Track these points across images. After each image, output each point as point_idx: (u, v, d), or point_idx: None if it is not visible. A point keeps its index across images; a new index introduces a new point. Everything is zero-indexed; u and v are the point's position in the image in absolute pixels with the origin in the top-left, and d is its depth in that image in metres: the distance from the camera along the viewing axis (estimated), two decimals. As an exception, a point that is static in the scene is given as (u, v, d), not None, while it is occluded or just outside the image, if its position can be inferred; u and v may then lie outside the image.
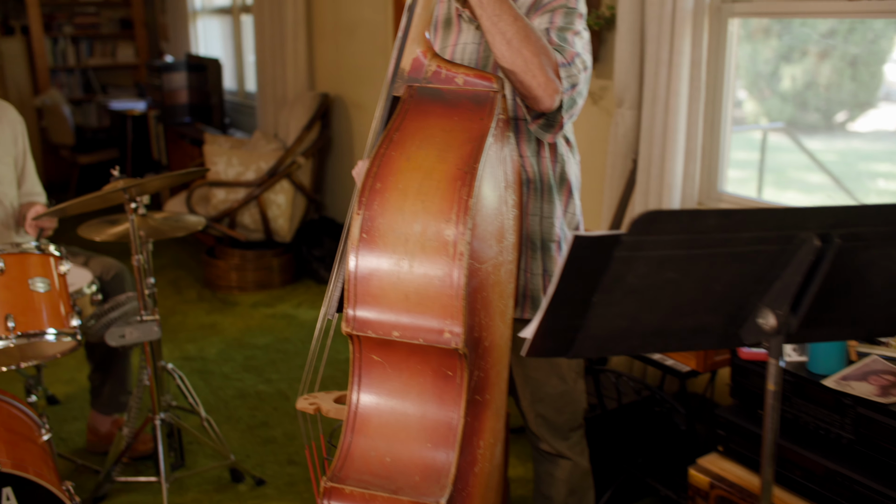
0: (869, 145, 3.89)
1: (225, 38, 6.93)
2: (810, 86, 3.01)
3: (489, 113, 1.63)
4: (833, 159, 3.34)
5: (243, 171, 4.81)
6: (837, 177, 3.28)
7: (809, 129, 3.10)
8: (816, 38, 2.90)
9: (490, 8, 1.62)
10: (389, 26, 4.53)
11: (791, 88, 3.10)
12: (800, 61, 2.98)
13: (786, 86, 3.12)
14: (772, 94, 3.03)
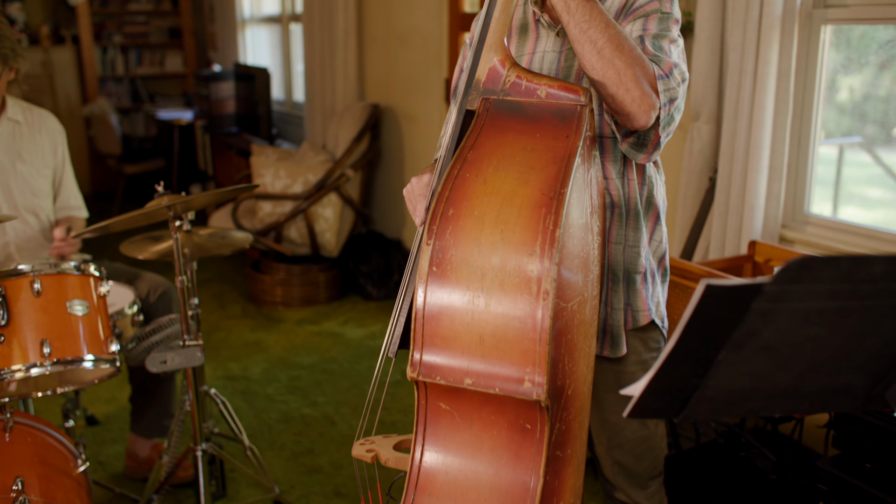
0: None
1: (273, 47, 6.83)
2: (869, 97, 2.79)
3: (576, 129, 1.43)
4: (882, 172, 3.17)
5: (290, 184, 4.67)
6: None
7: (868, 141, 2.87)
8: (876, 47, 2.67)
9: (579, 13, 1.43)
10: (444, 34, 4.36)
11: (849, 100, 2.89)
12: (858, 72, 2.78)
13: (843, 97, 2.91)
14: (828, 105, 2.81)
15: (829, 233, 2.65)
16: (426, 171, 1.62)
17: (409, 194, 1.61)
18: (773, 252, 2.47)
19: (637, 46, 1.49)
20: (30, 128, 2.84)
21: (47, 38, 7.29)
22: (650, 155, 1.60)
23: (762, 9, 2.54)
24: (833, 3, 2.58)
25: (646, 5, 1.63)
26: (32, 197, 2.83)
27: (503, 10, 1.49)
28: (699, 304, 0.92)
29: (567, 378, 1.43)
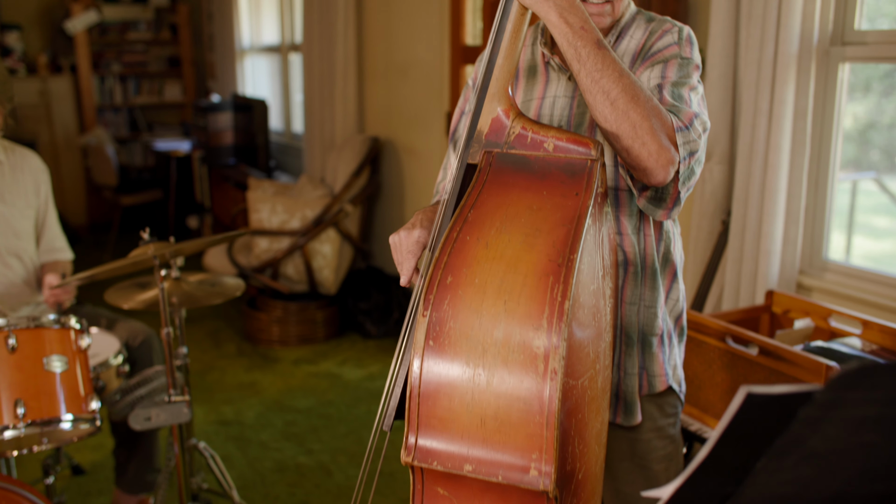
0: None
1: (272, 77, 6.75)
2: (873, 126, 2.69)
3: (586, 186, 1.31)
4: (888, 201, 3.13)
5: (288, 220, 4.55)
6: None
7: (871, 169, 2.76)
8: (881, 75, 2.56)
9: (590, 62, 1.31)
10: (445, 67, 4.26)
11: (853, 128, 2.80)
12: (862, 100, 2.69)
13: (847, 125, 2.82)
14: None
15: (850, 280, 2.52)
16: (417, 222, 1.49)
17: (396, 246, 1.48)
18: (792, 303, 2.34)
19: (654, 96, 1.37)
20: (12, 167, 2.72)
21: (45, 67, 7.22)
22: (670, 211, 1.48)
23: (777, 46, 2.43)
24: (851, 41, 2.46)
25: (664, 50, 1.52)
26: (15, 239, 2.70)
27: (507, 57, 1.37)
28: (738, 413, 0.79)
29: (577, 461, 1.29)
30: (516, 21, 1.36)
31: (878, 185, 3.34)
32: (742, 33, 2.55)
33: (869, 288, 2.47)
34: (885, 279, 2.44)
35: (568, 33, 1.31)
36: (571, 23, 1.30)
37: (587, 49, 1.31)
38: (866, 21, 2.52)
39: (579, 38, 1.31)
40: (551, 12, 1.30)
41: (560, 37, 1.32)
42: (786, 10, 2.39)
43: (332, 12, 5.03)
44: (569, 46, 1.32)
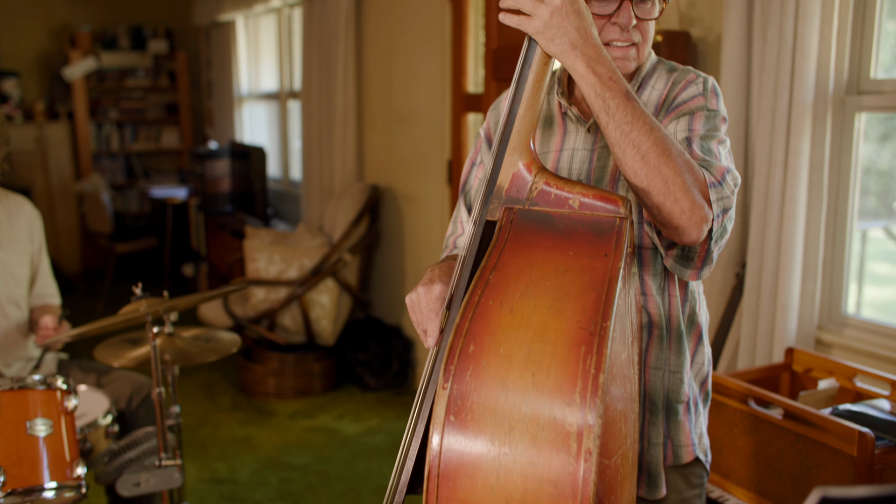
0: None
1: (271, 123, 6.71)
2: (868, 171, 2.64)
3: (616, 247, 1.22)
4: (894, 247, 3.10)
5: (285, 269, 4.45)
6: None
7: (869, 215, 2.70)
8: (875, 122, 2.52)
9: (620, 114, 1.23)
10: (446, 115, 4.21)
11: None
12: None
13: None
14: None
15: (871, 336, 2.43)
16: (434, 277, 1.40)
17: (414, 306, 1.37)
18: (814, 361, 2.25)
19: (685, 151, 1.29)
20: (7, 214, 2.65)
21: (42, 114, 7.18)
22: (700, 271, 1.39)
23: (792, 95, 2.37)
24: (868, 90, 2.41)
25: (689, 102, 1.45)
26: (15, 287, 2.64)
27: (529, 108, 1.29)
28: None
29: (609, 546, 1.19)
30: (539, 70, 1.29)
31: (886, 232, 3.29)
32: (755, 82, 2.49)
33: (891, 345, 2.38)
34: (909, 336, 2.36)
35: (596, 84, 1.23)
36: (600, 73, 1.23)
37: (616, 101, 1.23)
38: (882, 70, 2.47)
39: (608, 89, 1.23)
40: (578, 62, 1.23)
41: (587, 88, 1.24)
42: (800, 58, 2.33)
43: (332, 60, 4.99)
44: (596, 98, 1.24)
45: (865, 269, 2.71)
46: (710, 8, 2.72)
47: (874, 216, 2.81)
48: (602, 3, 1.39)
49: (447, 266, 1.43)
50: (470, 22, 4.03)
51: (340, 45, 4.90)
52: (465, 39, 4.06)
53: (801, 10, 2.31)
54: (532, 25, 1.22)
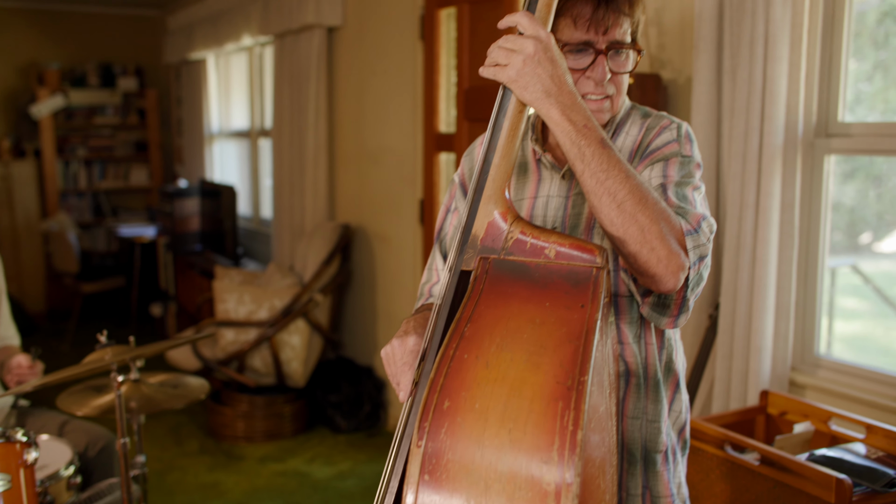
0: None
1: (241, 162, 6.67)
2: (835, 206, 2.68)
3: (593, 297, 1.20)
4: (861, 282, 3.18)
5: (255, 310, 4.39)
6: (876, 301, 3.07)
7: (835, 249, 2.74)
8: (841, 160, 2.55)
9: (595, 162, 1.22)
10: (418, 154, 4.20)
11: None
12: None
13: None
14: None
15: (844, 378, 2.43)
16: (409, 329, 1.37)
17: (388, 359, 1.35)
18: (788, 404, 2.24)
19: (661, 198, 1.28)
20: None
21: (7, 151, 7.08)
22: (676, 318, 1.37)
23: (762, 138, 2.38)
24: (836, 133, 2.43)
25: (664, 148, 1.44)
26: None
27: (504, 156, 1.28)
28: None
29: None
30: (514, 118, 1.27)
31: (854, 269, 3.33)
32: (725, 125, 2.51)
33: (866, 386, 2.38)
34: (881, 377, 2.36)
35: (571, 132, 1.22)
36: (575, 121, 1.22)
37: (591, 148, 1.22)
38: (849, 113, 2.50)
39: (583, 136, 1.22)
40: (553, 109, 1.22)
41: (562, 135, 1.23)
42: (769, 102, 2.35)
43: (303, 98, 4.99)
44: (572, 146, 1.23)
45: (835, 304, 2.73)
46: (680, 51, 2.74)
47: (840, 251, 2.84)
48: (576, 57, 1.39)
49: (422, 317, 1.40)
50: (442, 62, 4.05)
51: (312, 84, 4.90)
52: (436, 79, 4.07)
53: (769, 54, 2.34)
54: (506, 74, 1.22)
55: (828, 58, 2.43)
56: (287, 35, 5.13)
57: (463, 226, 1.28)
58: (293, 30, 4.98)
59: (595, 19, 1.39)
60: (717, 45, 2.51)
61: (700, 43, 2.52)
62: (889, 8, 2.67)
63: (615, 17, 1.39)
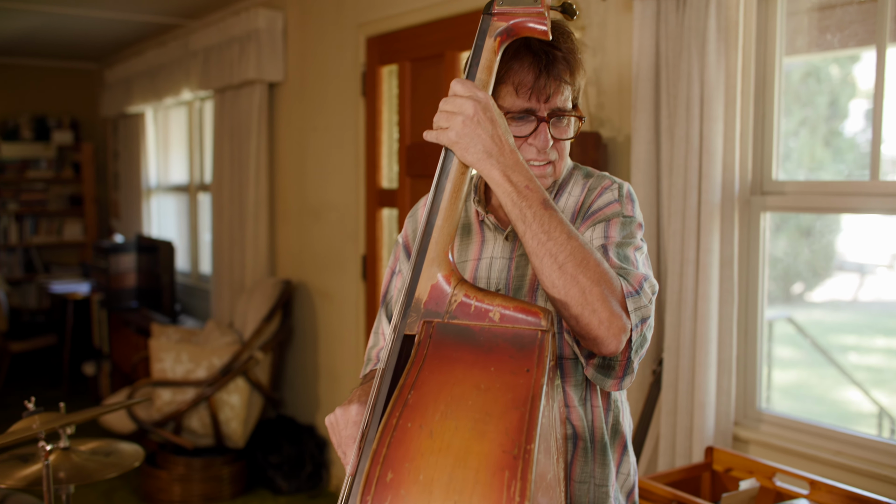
0: (829, 315, 4.19)
1: (180, 216, 6.57)
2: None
3: (538, 362, 1.18)
4: (795, 332, 3.28)
5: (193, 369, 4.27)
6: (810, 350, 3.20)
7: (768, 300, 2.81)
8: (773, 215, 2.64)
9: (537, 224, 1.21)
10: (361, 210, 4.18)
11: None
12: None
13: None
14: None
15: (786, 432, 2.45)
16: (353, 398, 1.35)
17: (333, 427, 1.32)
18: (733, 460, 2.24)
19: (603, 259, 1.28)
20: None
21: (-66, 207, 6.86)
22: (621, 381, 1.36)
23: (700, 196, 2.42)
24: (770, 191, 2.49)
25: (605, 208, 1.45)
26: None
27: (447, 219, 1.26)
28: None
29: None
30: (456, 180, 1.27)
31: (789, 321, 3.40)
32: (664, 182, 2.55)
33: (808, 440, 2.39)
34: (823, 431, 2.38)
35: (512, 193, 1.22)
36: (516, 182, 1.22)
37: (533, 210, 1.22)
38: (783, 171, 2.56)
39: (524, 198, 1.22)
40: (494, 170, 1.22)
41: (504, 196, 1.23)
42: (707, 160, 2.40)
43: (244, 153, 4.94)
44: (513, 207, 1.22)
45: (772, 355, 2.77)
46: (619, 110, 2.79)
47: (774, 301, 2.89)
48: (519, 125, 1.40)
49: (368, 386, 1.37)
50: (384, 118, 4.06)
51: (253, 139, 4.86)
52: (378, 135, 4.07)
53: (705, 114, 2.39)
54: (446, 137, 1.22)
55: (760, 118, 2.49)
56: (228, 90, 5.10)
57: (406, 288, 1.26)
58: (234, 85, 4.96)
59: (536, 87, 1.40)
60: (654, 105, 2.56)
61: (638, 103, 2.57)
62: (811, 69, 2.78)
63: (556, 86, 1.41)
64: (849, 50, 2.42)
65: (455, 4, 3.50)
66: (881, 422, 4.57)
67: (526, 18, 1.30)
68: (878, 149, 2.25)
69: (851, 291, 5.27)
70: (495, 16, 1.30)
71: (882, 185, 2.25)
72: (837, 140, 2.91)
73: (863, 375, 4.45)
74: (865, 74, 2.87)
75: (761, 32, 2.47)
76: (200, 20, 5.68)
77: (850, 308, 5.28)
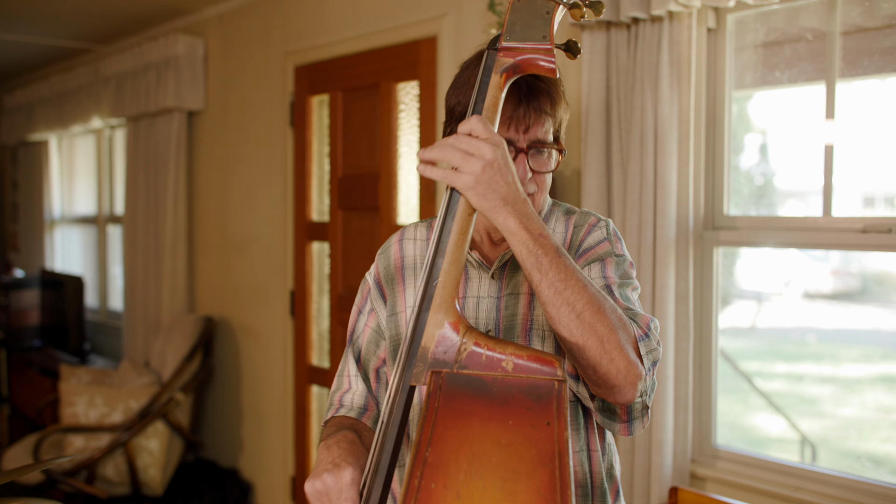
0: (731, 342, 4.21)
1: (87, 249, 6.24)
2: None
3: (558, 414, 1.11)
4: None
5: (108, 413, 4.02)
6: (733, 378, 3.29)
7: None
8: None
9: (553, 272, 1.16)
10: (289, 243, 4.04)
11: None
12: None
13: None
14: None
15: (741, 468, 2.44)
16: (338, 460, 1.23)
17: (323, 496, 1.20)
18: (699, 500, 2.21)
19: (615, 304, 1.23)
20: None
21: None
22: (631, 428, 1.30)
23: (656, 231, 2.41)
24: (722, 226, 2.51)
25: (596, 247, 1.41)
26: None
27: (453, 262, 1.18)
28: None
29: None
30: (463, 222, 1.19)
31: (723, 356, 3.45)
32: (617, 217, 2.53)
33: (762, 476, 2.39)
34: (778, 466, 2.38)
35: (528, 241, 1.16)
36: (531, 230, 1.16)
37: (549, 258, 1.16)
38: (734, 206, 2.59)
39: (540, 246, 1.16)
40: (510, 219, 1.15)
41: (519, 245, 1.16)
42: (661, 194, 2.39)
43: (161, 184, 4.73)
44: (528, 255, 1.16)
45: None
46: (568, 144, 2.77)
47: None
48: None
49: (346, 442, 1.28)
50: (313, 149, 3.95)
51: (171, 169, 4.66)
52: (308, 166, 3.96)
53: (659, 148, 2.39)
54: (462, 181, 1.14)
55: (711, 152, 2.51)
56: (143, 118, 4.89)
57: (410, 338, 1.17)
58: (150, 113, 4.75)
59: (516, 117, 1.35)
60: (605, 139, 2.54)
61: (588, 136, 2.55)
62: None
63: (536, 116, 1.36)
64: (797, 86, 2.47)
65: (391, 34, 3.44)
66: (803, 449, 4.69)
67: (534, 56, 1.24)
68: (829, 185, 2.29)
69: (749, 318, 5.45)
70: (501, 51, 1.24)
71: (834, 221, 2.28)
72: (735, 173, 3.00)
73: (765, 401, 4.57)
74: (759, 112, 2.99)
75: (710, 68, 2.49)
76: (112, 45, 5.45)
77: (749, 335, 5.43)
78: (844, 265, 8.79)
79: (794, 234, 2.36)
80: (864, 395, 7.21)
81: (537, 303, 1.40)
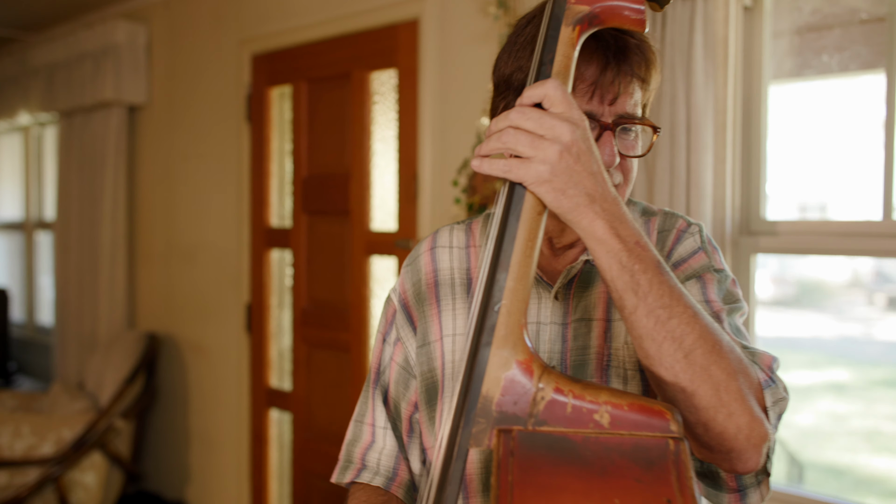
0: None
1: (12, 258, 5.71)
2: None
3: (681, 487, 0.78)
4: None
5: (37, 444, 3.54)
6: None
7: None
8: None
9: (654, 295, 0.82)
10: (245, 252, 3.63)
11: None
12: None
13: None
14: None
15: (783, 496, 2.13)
16: None
17: None
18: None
19: (732, 341, 0.88)
20: None
21: None
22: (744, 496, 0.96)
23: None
24: (760, 231, 2.19)
25: (690, 260, 1.07)
26: None
27: (520, 279, 0.83)
28: None
29: None
30: (531, 224, 0.84)
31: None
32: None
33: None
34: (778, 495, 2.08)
35: (621, 252, 0.82)
36: (624, 237, 0.83)
37: (648, 275, 0.82)
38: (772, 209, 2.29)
39: (636, 258, 0.83)
40: (597, 221, 0.82)
41: (608, 257, 0.82)
42: (695, 194, 2.07)
43: (98, 186, 4.27)
44: (621, 272, 0.82)
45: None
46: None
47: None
48: None
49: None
50: (273, 147, 3.55)
51: (109, 170, 4.20)
52: (267, 166, 3.56)
53: (692, 142, 2.06)
54: (532, 172, 0.81)
55: (748, 148, 2.20)
56: (77, 113, 4.42)
57: (463, 383, 0.81)
58: (85, 107, 4.29)
59: (601, 84, 1.00)
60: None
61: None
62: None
63: (626, 83, 1.01)
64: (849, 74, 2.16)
65: (365, 17, 3.07)
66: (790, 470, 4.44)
67: (618, 2, 0.90)
68: (890, 184, 1.99)
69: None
70: (573, -2, 0.89)
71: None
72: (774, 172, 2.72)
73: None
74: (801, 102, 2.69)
75: (747, 52, 2.18)
76: (42, 34, 4.96)
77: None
78: (781, 272, 8.67)
79: (849, 240, 2.05)
80: (816, 402, 7.05)
81: (615, 331, 1.06)
